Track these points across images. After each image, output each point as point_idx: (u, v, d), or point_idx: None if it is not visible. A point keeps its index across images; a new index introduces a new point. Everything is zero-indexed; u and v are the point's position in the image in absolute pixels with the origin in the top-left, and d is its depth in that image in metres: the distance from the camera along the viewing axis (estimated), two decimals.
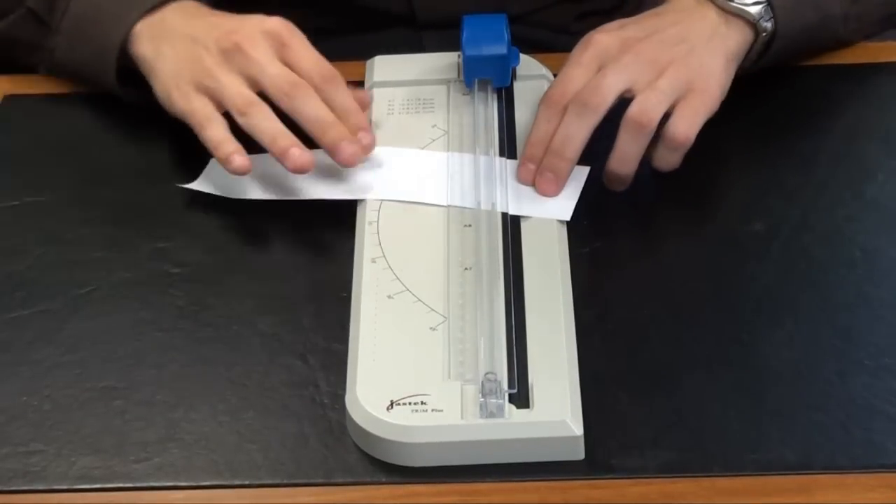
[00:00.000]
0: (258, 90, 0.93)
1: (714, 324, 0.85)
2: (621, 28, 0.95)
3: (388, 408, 0.78)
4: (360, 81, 1.02)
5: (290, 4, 1.01)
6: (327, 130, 0.92)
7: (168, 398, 0.82)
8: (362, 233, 0.90)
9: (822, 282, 0.88)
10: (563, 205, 0.91)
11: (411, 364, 0.80)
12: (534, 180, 0.92)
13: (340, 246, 0.90)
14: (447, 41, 1.01)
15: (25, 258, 0.92)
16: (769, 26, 0.97)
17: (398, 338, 0.82)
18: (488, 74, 0.99)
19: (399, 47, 1.06)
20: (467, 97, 1.00)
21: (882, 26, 1.05)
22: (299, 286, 0.89)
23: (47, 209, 0.96)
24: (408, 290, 0.85)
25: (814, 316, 0.85)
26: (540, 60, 1.03)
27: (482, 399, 0.77)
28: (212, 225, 0.94)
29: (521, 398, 0.78)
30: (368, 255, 0.88)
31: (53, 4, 1.01)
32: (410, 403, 0.78)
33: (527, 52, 1.03)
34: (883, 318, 0.85)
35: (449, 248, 0.88)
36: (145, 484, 0.78)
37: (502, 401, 0.77)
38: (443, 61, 1.03)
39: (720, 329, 0.84)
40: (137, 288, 0.89)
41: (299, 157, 0.90)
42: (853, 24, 1.02)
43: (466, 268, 0.87)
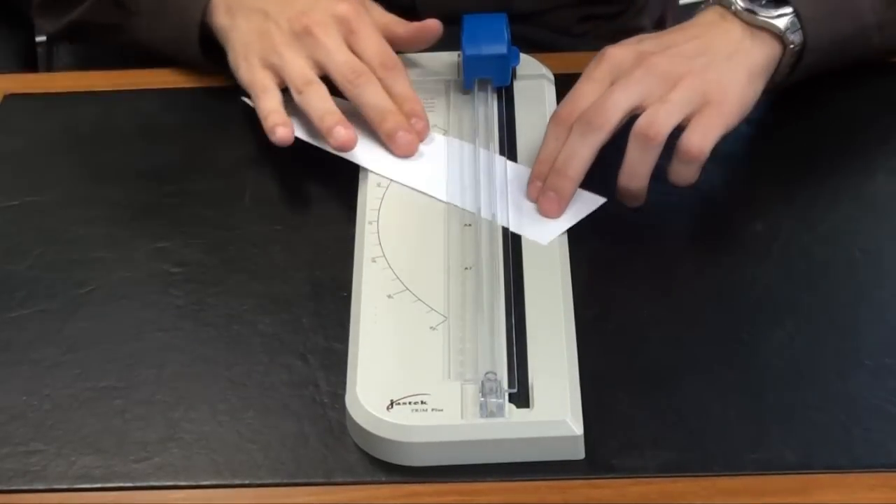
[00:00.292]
0: (322, 74, 0.97)
1: (714, 324, 0.85)
2: (639, 42, 0.93)
3: (388, 407, 0.78)
4: None
5: None
6: (386, 118, 0.95)
7: (168, 398, 0.82)
8: (362, 233, 0.90)
9: (822, 282, 0.88)
10: (549, 227, 0.89)
11: (411, 364, 0.80)
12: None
13: (340, 246, 0.90)
14: (449, 38, 1.01)
15: (25, 258, 0.92)
16: (797, 38, 0.94)
17: (398, 337, 0.82)
18: (488, 74, 0.99)
19: None
20: (467, 97, 1.00)
21: None
22: (299, 286, 0.89)
23: (47, 209, 0.96)
24: (408, 290, 0.85)
25: (814, 316, 0.85)
26: (540, 60, 1.04)
27: (482, 399, 0.77)
28: (212, 225, 0.94)
29: (521, 398, 0.78)
30: (368, 255, 0.88)
31: None
32: (410, 403, 0.78)
33: (529, 53, 1.03)
34: (883, 318, 0.85)
35: (449, 248, 0.88)
36: (145, 484, 0.78)
37: (502, 400, 0.77)
38: (443, 61, 1.03)
39: (720, 329, 0.84)
40: (137, 288, 0.89)
41: (343, 136, 0.94)
42: (890, 31, 0.99)
43: (466, 267, 0.87)
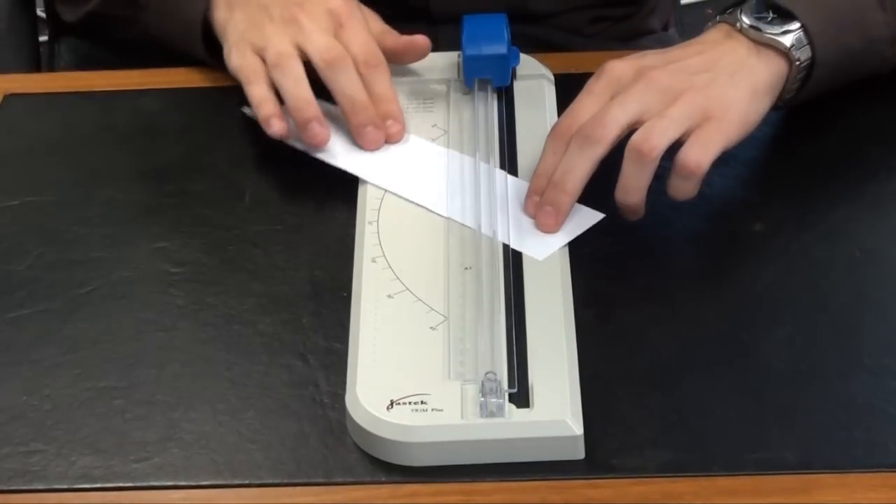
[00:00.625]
0: (304, 58, 0.96)
1: (714, 324, 0.85)
2: (641, 57, 0.92)
3: (388, 407, 0.78)
4: None
5: None
6: (358, 111, 0.95)
7: (168, 398, 0.82)
8: (362, 233, 0.90)
9: (822, 282, 0.88)
10: (545, 241, 0.88)
11: (411, 364, 0.80)
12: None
13: (340, 246, 0.90)
14: (454, 38, 1.01)
15: (25, 258, 0.92)
16: (804, 55, 0.93)
17: (398, 338, 0.82)
18: (488, 74, 0.99)
19: None
20: (467, 97, 1.00)
21: None
22: (299, 286, 0.89)
23: (47, 209, 0.96)
24: (408, 290, 0.85)
25: (814, 316, 0.85)
26: (540, 60, 1.03)
27: (482, 399, 0.77)
28: (212, 225, 0.94)
29: (521, 398, 0.78)
30: (368, 255, 0.88)
31: None
32: (410, 403, 0.78)
33: (540, 53, 1.03)
34: (883, 318, 0.85)
35: (449, 248, 0.88)
36: (145, 484, 0.78)
37: (502, 400, 0.77)
38: (443, 61, 1.03)
39: (720, 329, 0.84)
40: (137, 288, 0.89)
41: (317, 133, 0.94)
42: None
43: (466, 267, 0.87)
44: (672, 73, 0.89)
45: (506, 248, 0.87)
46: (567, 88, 0.97)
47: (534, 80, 1.02)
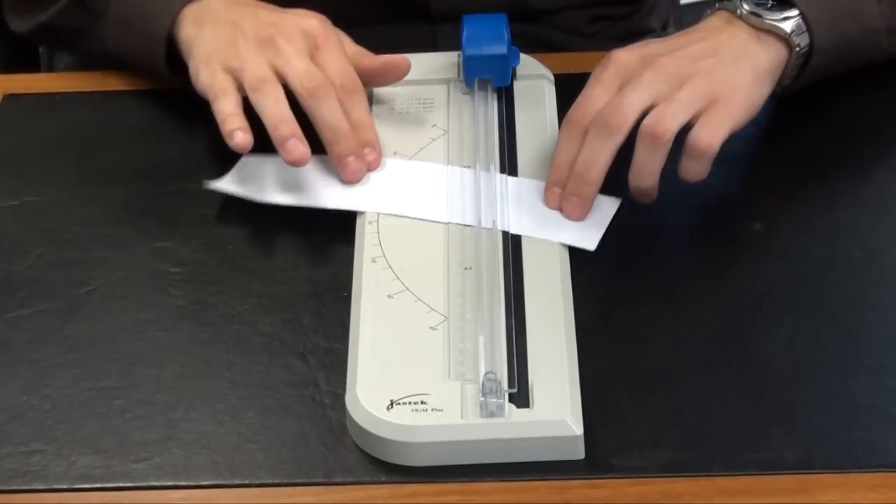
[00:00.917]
0: (281, 81, 0.94)
1: (714, 324, 0.85)
2: (645, 45, 0.94)
3: (388, 407, 0.78)
4: None
5: None
6: (340, 140, 0.93)
7: (168, 398, 0.82)
8: (362, 233, 0.90)
9: (822, 282, 0.88)
10: (588, 234, 0.89)
11: (411, 364, 0.80)
12: (560, 204, 0.91)
13: (340, 246, 0.90)
14: (454, 38, 1.01)
15: (25, 258, 0.92)
16: (803, 41, 0.94)
17: (398, 338, 0.82)
18: (488, 74, 0.99)
19: (413, 41, 1.05)
20: (467, 97, 1.00)
21: None
22: (299, 286, 0.89)
23: (47, 209, 0.96)
24: (408, 290, 0.85)
25: (814, 316, 0.85)
26: (540, 60, 1.04)
27: (482, 399, 0.77)
28: (212, 225, 0.94)
29: (521, 398, 0.78)
30: (368, 255, 0.88)
31: None
32: (410, 403, 0.78)
33: (539, 52, 1.03)
34: (883, 318, 0.85)
35: (449, 248, 0.88)
36: (145, 484, 0.78)
37: (502, 400, 0.77)
38: (443, 61, 1.03)
39: (720, 329, 0.84)
40: (137, 288, 0.89)
41: (296, 149, 0.90)
42: None
43: (466, 268, 0.87)
44: (678, 60, 0.91)
45: (506, 249, 0.87)
46: (567, 88, 0.97)
47: (534, 80, 1.02)
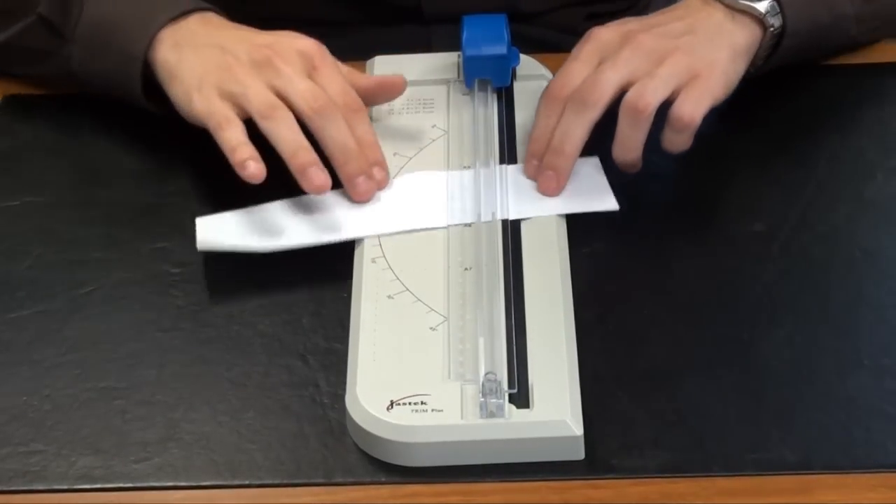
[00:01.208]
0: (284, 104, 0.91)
1: (714, 324, 0.85)
2: (624, 23, 0.96)
3: (388, 408, 0.78)
4: None
5: None
6: (349, 160, 0.91)
7: (168, 398, 0.82)
8: None
9: (822, 282, 0.88)
10: (600, 196, 0.92)
11: (411, 364, 0.80)
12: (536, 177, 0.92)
13: (340, 246, 0.90)
14: (454, 38, 1.01)
15: (25, 258, 0.92)
16: (777, 22, 0.97)
17: (398, 338, 0.82)
18: (488, 74, 0.99)
19: (406, 43, 1.05)
20: (467, 97, 1.00)
21: (893, 27, 1.05)
22: (299, 287, 0.89)
23: (47, 209, 0.96)
24: (408, 290, 0.85)
25: (814, 316, 0.85)
26: (540, 60, 1.04)
27: (482, 399, 0.77)
28: None
29: (521, 398, 0.78)
30: (368, 255, 0.88)
31: (67, 11, 0.99)
32: (410, 403, 0.78)
33: (534, 52, 1.03)
34: (883, 318, 0.85)
35: (449, 248, 0.88)
36: (145, 484, 0.78)
37: (502, 401, 0.77)
38: (443, 61, 1.03)
39: (720, 329, 0.84)
40: (137, 288, 0.89)
41: (317, 177, 0.88)
42: (867, 25, 1.02)
43: (466, 268, 0.87)
44: (657, 37, 0.93)
45: (506, 249, 0.87)
46: None
47: (534, 81, 1.02)
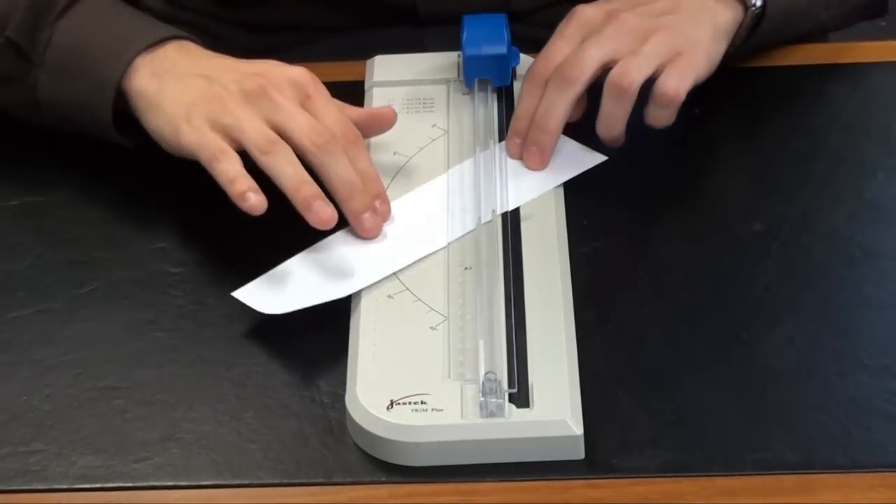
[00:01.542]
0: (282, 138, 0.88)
1: (714, 324, 0.85)
2: (608, 2, 0.97)
3: (388, 407, 0.78)
4: (361, 81, 1.02)
5: None
6: (354, 196, 0.88)
7: (168, 398, 0.82)
8: None
9: (822, 282, 0.88)
10: (589, 154, 0.94)
11: (411, 364, 0.80)
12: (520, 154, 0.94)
13: None
14: (449, 39, 1.01)
15: (25, 258, 0.92)
16: (758, 2, 0.98)
17: (398, 338, 0.82)
18: (488, 74, 0.99)
19: (401, 45, 1.05)
20: (467, 97, 1.00)
21: (859, 15, 1.08)
22: None
23: (47, 209, 0.96)
24: (408, 290, 0.85)
25: (814, 316, 0.85)
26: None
27: (482, 398, 0.77)
28: (212, 225, 0.93)
29: (521, 398, 0.78)
30: None
31: (36, 35, 0.94)
32: (410, 403, 0.78)
33: (527, 51, 1.03)
34: (883, 318, 0.85)
35: (449, 248, 0.88)
36: (145, 484, 0.78)
37: (502, 400, 0.77)
38: (443, 61, 1.03)
39: (720, 329, 0.84)
40: (137, 288, 0.89)
41: (323, 210, 0.86)
42: (834, 11, 1.05)
43: (466, 268, 0.87)
44: (640, 15, 0.94)
45: (506, 248, 0.87)
46: None
47: None
